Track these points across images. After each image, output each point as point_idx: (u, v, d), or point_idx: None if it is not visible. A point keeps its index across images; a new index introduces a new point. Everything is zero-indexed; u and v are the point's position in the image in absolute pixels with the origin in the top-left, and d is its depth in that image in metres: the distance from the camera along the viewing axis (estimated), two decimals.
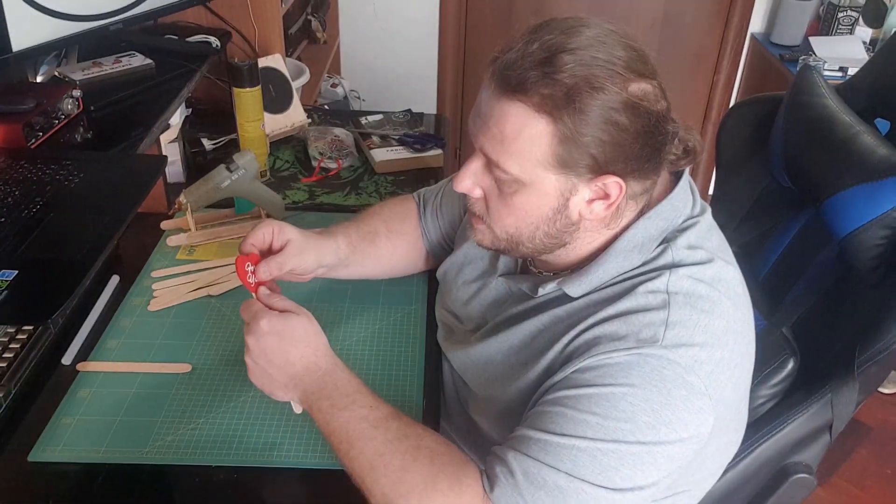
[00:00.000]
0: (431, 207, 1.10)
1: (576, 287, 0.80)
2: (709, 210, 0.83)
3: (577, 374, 0.73)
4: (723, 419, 0.77)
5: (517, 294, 0.89)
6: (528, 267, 0.91)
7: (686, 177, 0.82)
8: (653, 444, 0.70)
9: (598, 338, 0.74)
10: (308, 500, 0.85)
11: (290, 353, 0.82)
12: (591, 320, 0.76)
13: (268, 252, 0.92)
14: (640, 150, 0.73)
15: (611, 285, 0.78)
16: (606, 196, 0.75)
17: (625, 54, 0.71)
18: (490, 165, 0.77)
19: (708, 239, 0.80)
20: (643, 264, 0.78)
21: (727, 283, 0.78)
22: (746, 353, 0.80)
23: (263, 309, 0.84)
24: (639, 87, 0.71)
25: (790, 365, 0.93)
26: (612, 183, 0.74)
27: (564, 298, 0.81)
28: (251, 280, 0.87)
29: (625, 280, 0.78)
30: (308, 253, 0.94)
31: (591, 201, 0.76)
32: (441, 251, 1.10)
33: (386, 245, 1.06)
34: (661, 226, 0.79)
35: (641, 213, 0.79)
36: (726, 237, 0.85)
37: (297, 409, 0.86)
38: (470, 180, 0.80)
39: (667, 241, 0.78)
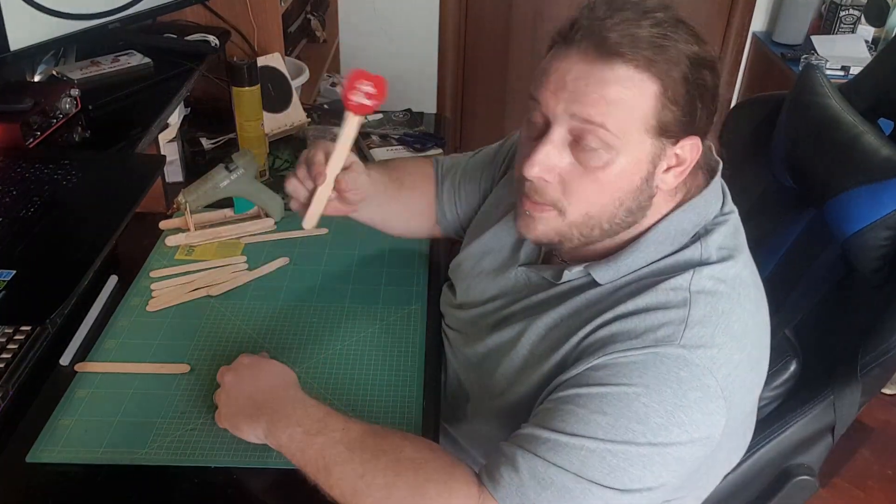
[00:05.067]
0: (450, 184, 1.08)
1: (604, 273, 0.78)
2: (736, 211, 0.83)
3: (591, 372, 0.72)
4: (734, 422, 0.76)
5: (537, 283, 0.87)
6: (553, 257, 0.89)
7: (720, 173, 0.82)
8: (664, 445, 0.69)
9: (613, 335, 0.73)
10: (307, 500, 0.84)
11: (261, 382, 0.84)
12: (608, 315, 0.75)
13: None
14: (713, 112, 0.74)
15: (636, 274, 0.78)
16: (680, 163, 0.75)
17: (690, 21, 0.74)
18: (578, 138, 0.73)
19: (735, 239, 0.80)
20: (672, 254, 0.77)
21: (748, 284, 0.77)
22: (762, 356, 0.79)
23: (245, 353, 0.89)
24: (710, 48, 0.73)
25: (793, 367, 0.92)
26: (693, 145, 0.74)
27: (588, 287, 0.80)
28: (359, 100, 0.79)
29: (651, 272, 0.77)
30: (363, 172, 0.92)
31: (667, 169, 0.75)
32: (449, 227, 1.10)
33: (408, 195, 1.06)
34: (694, 220, 0.78)
35: (677, 206, 0.79)
36: None
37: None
38: (548, 161, 0.74)
39: (699, 235, 0.78)
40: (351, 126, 0.83)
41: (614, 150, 0.72)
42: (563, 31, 0.74)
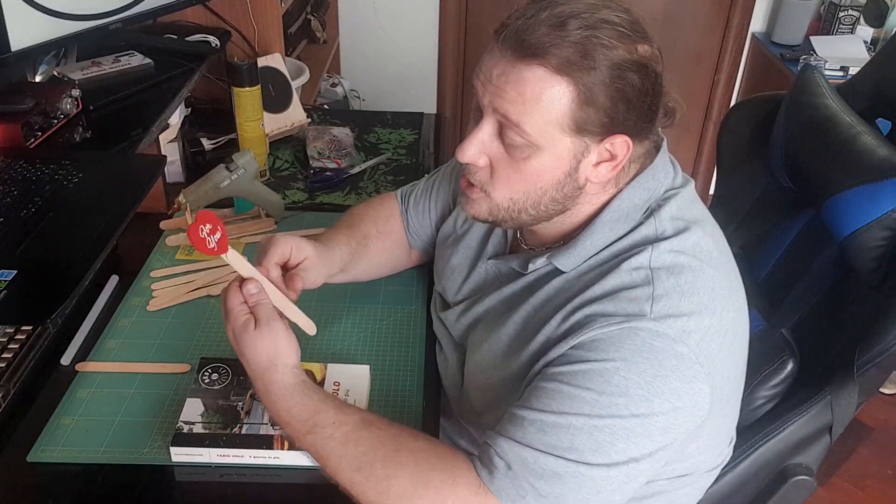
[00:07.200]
0: (419, 209, 1.09)
1: (565, 260, 0.81)
2: (692, 183, 0.84)
3: (573, 351, 0.75)
4: (720, 388, 0.77)
5: (507, 274, 0.89)
6: (519, 245, 0.91)
7: (665, 148, 0.83)
8: (646, 416, 0.71)
9: (588, 316, 0.75)
10: (308, 499, 0.84)
11: (252, 354, 0.81)
12: (578, 300, 0.77)
13: (285, 267, 0.91)
14: (646, 110, 0.75)
15: (597, 257, 0.80)
16: (612, 157, 0.77)
17: (627, 17, 0.74)
18: (503, 130, 0.76)
19: (689, 210, 0.82)
20: (628, 233, 0.79)
21: (708, 252, 0.79)
22: (737, 319, 0.80)
23: (275, 312, 0.83)
24: (644, 49, 0.74)
25: (790, 366, 0.92)
26: (622, 142, 0.75)
27: (555, 274, 0.82)
28: (212, 246, 0.80)
29: (611, 253, 0.79)
30: (322, 266, 0.94)
31: (597, 164, 0.77)
32: (426, 250, 1.11)
33: (376, 246, 1.07)
34: (644, 195, 0.80)
35: (627, 185, 0.81)
36: (726, 237, 0.85)
37: None
38: (476, 148, 0.78)
39: (651, 210, 0.80)
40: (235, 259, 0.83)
41: (534, 146, 0.75)
42: (498, 26, 0.77)
